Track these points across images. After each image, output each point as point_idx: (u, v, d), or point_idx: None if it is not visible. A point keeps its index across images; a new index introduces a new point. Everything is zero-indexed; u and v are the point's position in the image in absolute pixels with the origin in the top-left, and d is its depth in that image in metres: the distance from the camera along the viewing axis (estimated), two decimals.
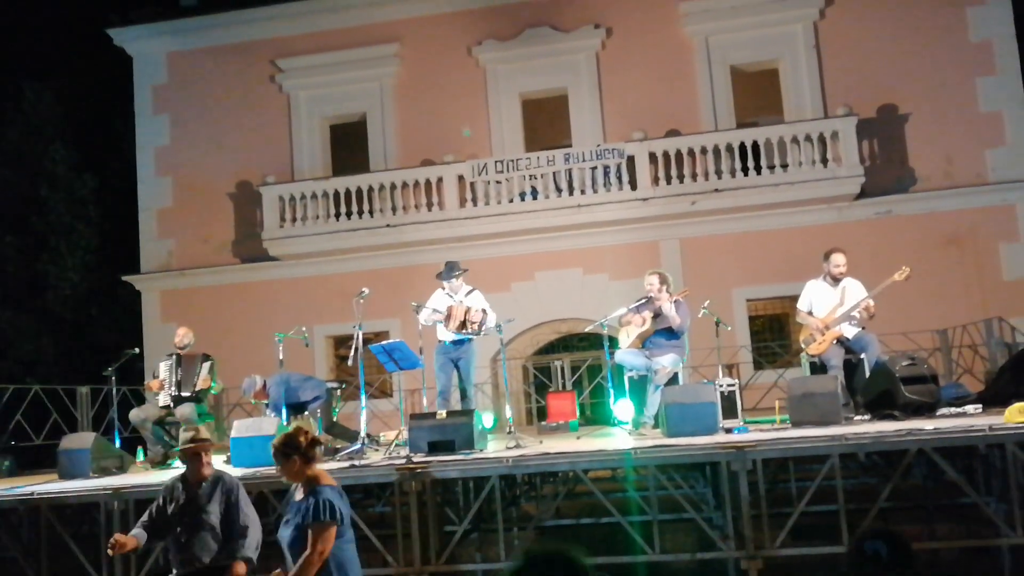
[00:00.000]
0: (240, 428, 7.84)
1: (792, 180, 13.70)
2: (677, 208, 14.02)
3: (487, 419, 9.05)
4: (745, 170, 13.86)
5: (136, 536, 5.09)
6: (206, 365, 8.96)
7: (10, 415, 10.71)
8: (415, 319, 8.82)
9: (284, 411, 8.31)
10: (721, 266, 13.89)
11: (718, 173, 13.91)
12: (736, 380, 8.37)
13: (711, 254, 14.07)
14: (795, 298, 8.73)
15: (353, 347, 8.14)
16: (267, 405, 8.66)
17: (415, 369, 8.58)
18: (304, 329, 9.16)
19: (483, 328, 8.57)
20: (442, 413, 7.56)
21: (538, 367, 14.56)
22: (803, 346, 8.35)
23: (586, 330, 11.10)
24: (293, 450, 4.31)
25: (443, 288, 8.88)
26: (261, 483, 6.99)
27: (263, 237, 15.12)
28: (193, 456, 5.20)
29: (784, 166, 13.81)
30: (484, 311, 8.59)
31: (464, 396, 8.79)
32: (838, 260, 8.22)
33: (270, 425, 7.77)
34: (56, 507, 7.22)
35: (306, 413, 8.65)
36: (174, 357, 8.98)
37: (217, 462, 8.54)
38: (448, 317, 8.53)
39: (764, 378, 12.76)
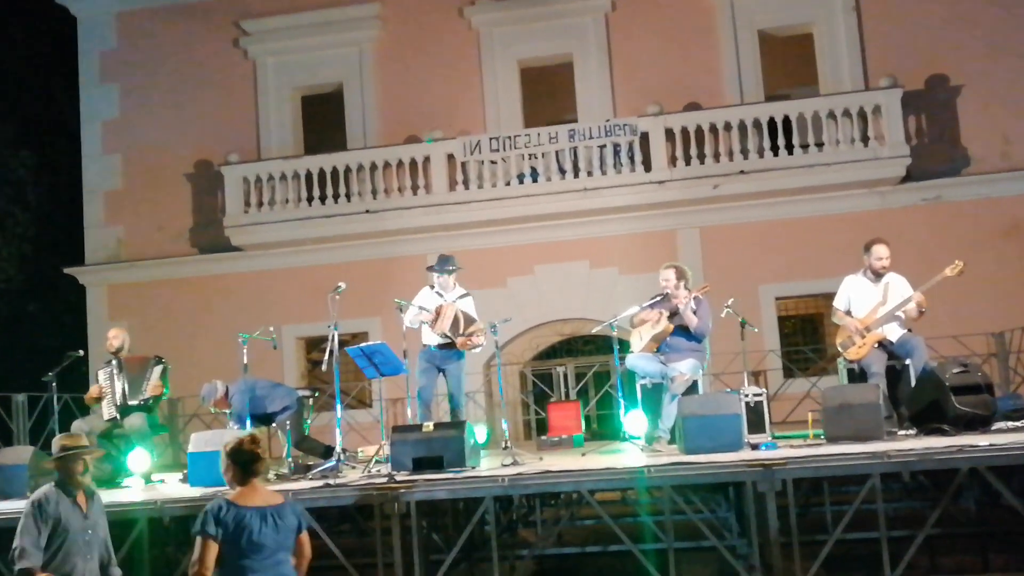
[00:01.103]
0: (198, 442, 7.84)
1: (828, 161, 13.71)
2: (697, 192, 14.02)
3: (480, 433, 9.05)
4: (775, 149, 13.86)
5: None
6: (157, 369, 8.91)
7: None
8: (398, 318, 8.81)
9: (248, 422, 8.30)
10: (747, 259, 13.89)
11: (744, 153, 13.91)
12: (763, 389, 8.40)
13: (736, 245, 14.07)
14: (831, 296, 8.75)
15: (328, 350, 8.13)
16: (229, 415, 8.65)
17: (398, 375, 8.58)
18: (272, 329, 9.17)
19: (474, 347, 8.62)
20: (429, 426, 7.56)
21: (538, 374, 14.57)
22: (840, 350, 8.36)
23: (592, 332, 11.10)
24: (228, 457, 4.65)
25: (432, 286, 8.88)
26: None
27: (225, 224, 15.11)
28: (81, 463, 5.19)
29: (819, 145, 13.82)
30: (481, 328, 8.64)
31: (454, 407, 8.79)
32: (880, 252, 8.21)
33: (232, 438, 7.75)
34: None
35: (273, 425, 8.65)
36: (114, 363, 8.93)
37: (173, 480, 8.61)
38: (436, 317, 8.50)
39: (795, 387, 12.79)
